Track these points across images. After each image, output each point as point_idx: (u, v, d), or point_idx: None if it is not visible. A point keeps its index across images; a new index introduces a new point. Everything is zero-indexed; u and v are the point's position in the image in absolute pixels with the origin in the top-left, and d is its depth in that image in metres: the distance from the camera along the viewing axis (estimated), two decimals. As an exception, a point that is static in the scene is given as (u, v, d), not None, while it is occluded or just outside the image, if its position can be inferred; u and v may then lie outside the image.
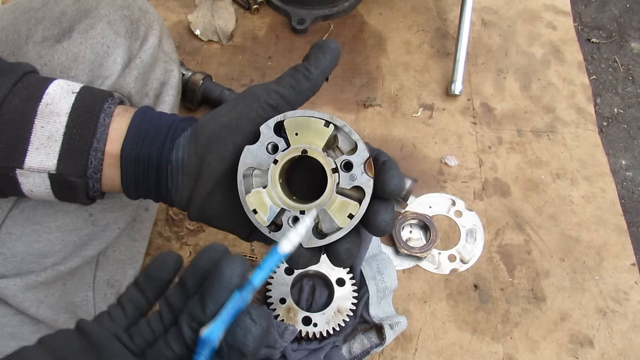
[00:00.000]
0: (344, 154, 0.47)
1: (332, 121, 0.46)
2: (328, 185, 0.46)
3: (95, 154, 0.51)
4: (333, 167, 0.46)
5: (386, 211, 0.47)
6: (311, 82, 0.49)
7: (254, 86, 0.50)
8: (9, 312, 0.66)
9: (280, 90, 0.48)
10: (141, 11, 0.69)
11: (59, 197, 0.53)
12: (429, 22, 1.21)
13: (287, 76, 0.49)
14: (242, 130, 0.48)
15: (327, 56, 0.49)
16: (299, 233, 0.40)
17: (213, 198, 0.51)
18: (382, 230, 0.47)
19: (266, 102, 0.48)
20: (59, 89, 0.52)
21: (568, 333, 0.84)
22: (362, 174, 0.46)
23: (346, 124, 0.46)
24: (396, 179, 0.46)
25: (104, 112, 0.51)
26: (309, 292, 0.85)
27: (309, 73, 0.49)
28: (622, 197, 1.01)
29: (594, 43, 1.23)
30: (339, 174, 0.46)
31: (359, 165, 0.46)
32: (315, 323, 0.81)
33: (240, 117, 0.48)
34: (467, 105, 1.08)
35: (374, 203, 0.47)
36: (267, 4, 1.23)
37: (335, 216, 0.46)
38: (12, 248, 0.63)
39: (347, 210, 0.46)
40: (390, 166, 0.47)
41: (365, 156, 0.46)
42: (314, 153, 0.46)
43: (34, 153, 0.50)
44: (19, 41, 0.63)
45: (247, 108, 0.48)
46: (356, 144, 0.46)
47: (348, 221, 0.46)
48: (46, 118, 0.50)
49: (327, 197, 0.46)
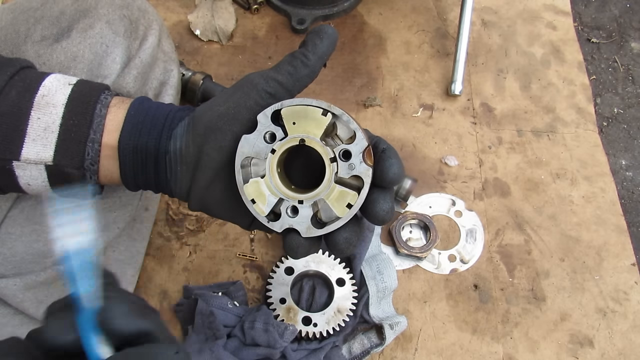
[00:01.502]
0: (343, 142, 0.46)
1: (330, 109, 0.46)
2: (326, 174, 0.46)
3: (92, 145, 0.50)
4: (331, 156, 0.46)
5: (385, 200, 0.46)
6: (309, 68, 0.48)
7: (252, 74, 0.49)
8: (9, 312, 0.66)
9: (279, 78, 0.48)
10: (140, 11, 0.69)
11: (56, 190, 0.53)
12: (429, 22, 1.21)
13: (285, 63, 0.49)
14: (240, 119, 0.48)
15: (325, 42, 0.49)
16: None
17: (213, 188, 0.51)
18: (381, 219, 0.47)
19: (264, 90, 0.48)
20: (56, 81, 0.52)
21: (568, 333, 0.84)
22: (360, 163, 0.45)
23: (345, 112, 0.46)
24: (395, 167, 0.46)
25: (100, 102, 0.51)
26: (309, 292, 0.85)
27: (307, 59, 0.48)
28: (622, 197, 1.01)
29: (594, 43, 1.23)
30: (338, 163, 0.46)
31: (358, 155, 0.45)
32: (315, 323, 0.81)
33: (238, 105, 0.48)
34: (467, 105, 1.08)
35: (373, 191, 0.46)
36: (267, 4, 1.23)
37: (334, 206, 0.46)
38: (11, 248, 0.63)
39: (345, 200, 0.46)
40: (390, 154, 0.46)
41: (364, 145, 0.45)
42: (311, 142, 0.46)
43: (30, 144, 0.50)
44: (17, 40, 0.63)
45: (245, 96, 0.48)
46: (355, 133, 0.46)
47: (347, 211, 0.46)
48: (42, 109, 0.50)
49: (325, 186, 0.46)
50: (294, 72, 0.48)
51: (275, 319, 0.80)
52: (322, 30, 0.49)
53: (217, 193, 0.51)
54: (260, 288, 0.88)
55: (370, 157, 0.46)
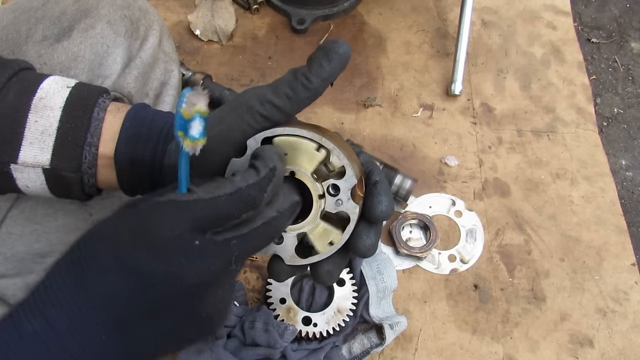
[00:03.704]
0: (335, 170, 0.45)
1: (321, 143, 0.44)
2: (312, 211, 0.45)
3: (90, 149, 0.50)
4: (320, 193, 0.45)
5: (368, 236, 0.45)
6: (311, 92, 0.45)
7: (248, 92, 0.47)
8: (9, 312, 0.66)
9: (275, 102, 0.45)
10: (141, 11, 0.69)
11: (54, 192, 0.53)
12: (429, 22, 1.21)
13: (284, 84, 0.45)
14: (232, 143, 0.46)
15: (333, 63, 0.45)
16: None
17: None
18: (363, 254, 0.46)
19: (259, 113, 0.45)
20: (54, 83, 0.52)
21: (568, 333, 0.84)
22: (348, 200, 0.44)
23: (335, 147, 0.44)
24: (384, 205, 0.45)
25: (98, 106, 0.51)
26: (309, 292, 0.85)
27: (309, 83, 0.44)
28: (622, 197, 1.01)
29: (594, 43, 1.23)
30: (325, 199, 0.45)
31: (346, 191, 0.44)
32: (315, 323, 0.81)
33: (231, 128, 0.46)
34: (467, 105, 1.08)
35: (359, 224, 0.46)
36: (267, 4, 1.23)
37: (316, 241, 0.46)
38: (12, 248, 0.63)
39: (328, 238, 0.46)
40: (380, 190, 0.45)
41: (353, 182, 0.44)
42: (302, 177, 0.45)
43: (27, 148, 0.50)
44: (18, 40, 0.63)
45: (239, 119, 0.46)
46: (344, 168, 0.44)
47: (328, 248, 0.46)
48: (40, 112, 0.50)
49: (309, 222, 0.46)
50: (293, 96, 0.45)
51: (275, 319, 0.80)
52: (333, 49, 0.45)
53: None
54: (260, 288, 0.88)
55: (362, 188, 0.45)
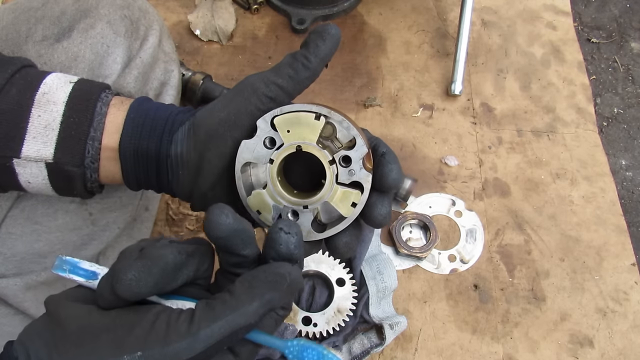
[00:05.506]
0: (342, 145, 0.46)
1: (321, 112, 0.45)
2: (327, 177, 0.46)
3: (93, 143, 0.50)
4: (329, 159, 0.46)
5: (383, 204, 0.46)
6: (310, 71, 0.48)
7: (252, 77, 0.49)
8: (9, 312, 0.66)
9: (279, 82, 0.47)
10: (141, 11, 0.69)
11: (56, 188, 0.53)
12: (429, 22, 1.21)
13: (285, 65, 0.48)
14: (240, 125, 0.48)
15: (327, 43, 0.47)
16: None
17: (215, 192, 0.51)
18: (379, 223, 0.47)
19: (264, 95, 0.47)
20: (57, 79, 0.52)
21: (568, 333, 0.84)
22: (360, 169, 0.45)
23: (344, 119, 0.45)
24: (394, 172, 0.46)
25: (101, 100, 0.51)
26: (309, 292, 0.85)
27: (308, 62, 0.47)
28: (622, 197, 1.01)
29: (594, 43, 1.23)
30: (337, 167, 0.46)
31: (358, 161, 0.45)
32: (315, 323, 0.81)
33: (238, 111, 0.48)
34: (467, 105, 1.08)
35: (372, 195, 0.46)
36: (267, 4, 1.23)
37: (339, 207, 0.46)
38: (12, 248, 0.63)
39: (349, 200, 0.46)
40: (389, 159, 0.46)
41: (364, 151, 0.45)
42: (308, 148, 0.46)
43: (31, 142, 0.50)
44: (18, 40, 0.63)
45: (246, 102, 0.48)
46: (355, 139, 0.46)
47: (352, 210, 0.46)
48: (43, 107, 0.50)
49: (328, 189, 0.46)
50: (295, 75, 0.47)
51: (275, 318, 0.80)
52: (325, 30, 0.48)
53: (219, 196, 0.51)
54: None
55: (370, 160, 0.46)
